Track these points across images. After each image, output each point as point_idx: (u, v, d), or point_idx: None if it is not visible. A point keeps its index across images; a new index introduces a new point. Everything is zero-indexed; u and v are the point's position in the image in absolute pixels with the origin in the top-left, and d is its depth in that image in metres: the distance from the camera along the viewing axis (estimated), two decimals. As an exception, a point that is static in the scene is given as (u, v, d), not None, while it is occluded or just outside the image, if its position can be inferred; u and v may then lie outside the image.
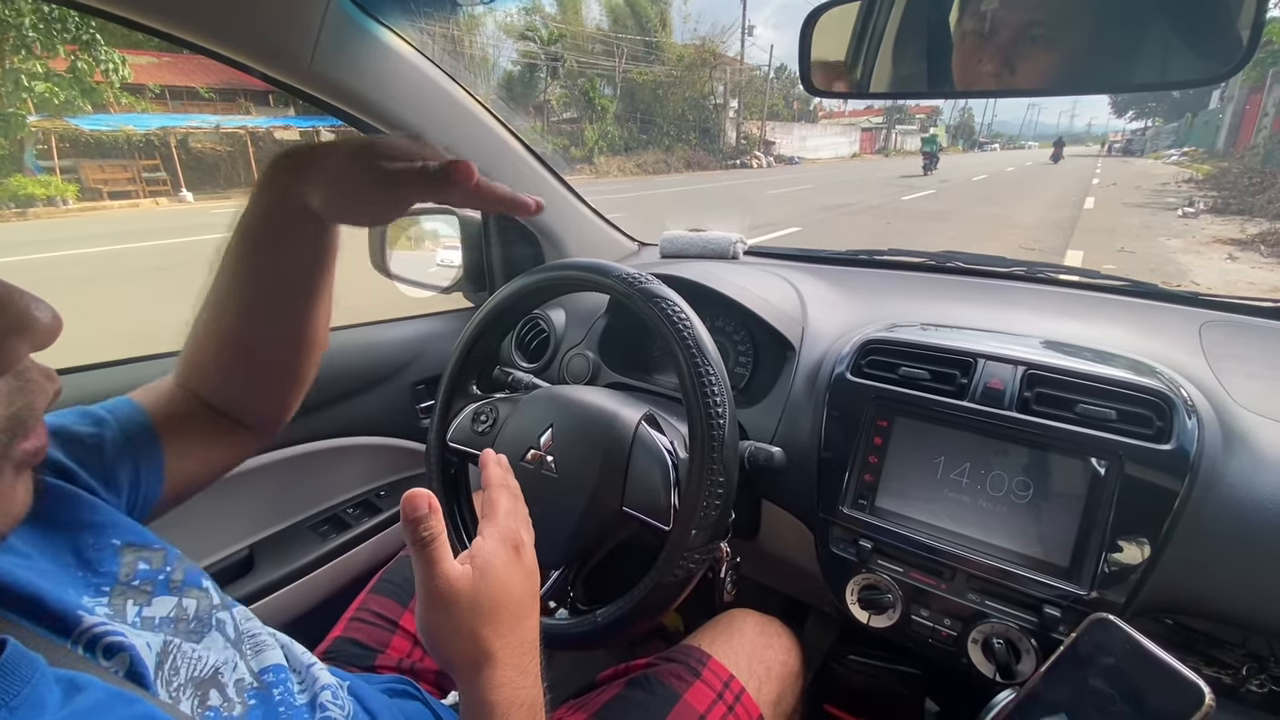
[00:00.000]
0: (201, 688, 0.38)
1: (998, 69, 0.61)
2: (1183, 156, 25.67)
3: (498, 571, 0.45)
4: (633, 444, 0.67)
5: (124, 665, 0.34)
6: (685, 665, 0.69)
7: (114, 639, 0.35)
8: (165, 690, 0.36)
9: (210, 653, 0.40)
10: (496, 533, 0.47)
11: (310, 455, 1.01)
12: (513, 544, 0.48)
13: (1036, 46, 0.60)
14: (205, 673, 0.39)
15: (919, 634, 0.69)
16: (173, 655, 0.38)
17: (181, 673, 0.38)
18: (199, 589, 0.43)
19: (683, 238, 1.21)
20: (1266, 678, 0.59)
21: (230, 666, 0.41)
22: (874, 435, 0.74)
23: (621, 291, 0.67)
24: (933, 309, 0.90)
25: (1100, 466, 0.62)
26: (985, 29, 0.63)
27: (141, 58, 6.49)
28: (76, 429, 0.46)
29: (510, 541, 0.48)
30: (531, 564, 0.49)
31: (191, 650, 0.39)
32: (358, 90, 0.85)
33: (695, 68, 29.45)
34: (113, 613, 0.37)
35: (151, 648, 0.37)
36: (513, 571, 0.46)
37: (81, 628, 0.34)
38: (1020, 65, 0.61)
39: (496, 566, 0.45)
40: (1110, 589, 0.59)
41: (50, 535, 0.38)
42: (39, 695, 0.27)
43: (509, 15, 25.79)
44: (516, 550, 0.48)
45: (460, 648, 0.43)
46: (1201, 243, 7.95)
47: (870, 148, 50.38)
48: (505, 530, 0.48)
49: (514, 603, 0.46)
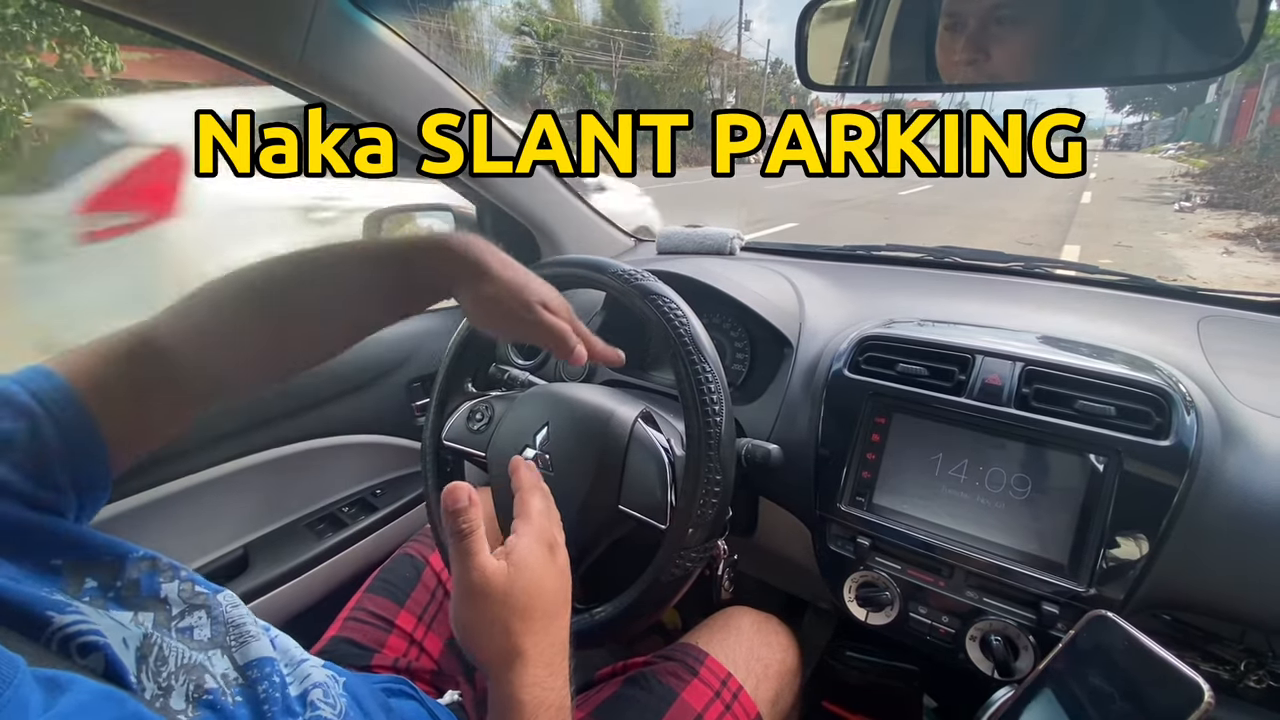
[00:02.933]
0: (194, 672, 0.37)
1: (972, 55, 0.62)
2: (1179, 151, 25.69)
3: (533, 568, 0.45)
4: (629, 442, 0.67)
5: (100, 664, 0.33)
6: (683, 663, 0.69)
7: (88, 638, 0.33)
8: (154, 682, 0.35)
9: (193, 644, 0.39)
10: (532, 531, 0.48)
11: (305, 454, 1.00)
12: (548, 543, 0.48)
13: (1005, 28, 0.61)
14: (194, 660, 0.38)
15: (917, 631, 0.69)
16: (157, 646, 0.37)
17: (170, 661, 0.37)
18: (177, 580, 0.42)
19: (679, 234, 1.20)
20: (1265, 673, 0.59)
21: (219, 655, 0.40)
22: (871, 432, 0.73)
23: (617, 288, 0.67)
24: (930, 305, 0.90)
25: (1098, 463, 0.61)
26: (955, 24, 0.63)
27: (134, 54, 6.42)
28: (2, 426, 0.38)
29: (545, 540, 0.48)
30: (564, 565, 0.49)
31: (174, 641, 0.38)
32: (350, 85, 0.84)
33: (691, 62, 29.35)
34: (89, 608, 0.36)
35: (129, 644, 0.35)
36: (547, 569, 0.47)
37: (53, 627, 0.33)
38: (995, 50, 0.61)
39: (532, 563, 0.45)
40: (1109, 585, 0.59)
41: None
42: (22, 697, 0.27)
43: (504, 10, 25.68)
44: (551, 549, 0.48)
45: (493, 643, 0.43)
46: (1198, 237, 7.97)
47: (867, 143, 50.20)
48: (540, 529, 0.48)
49: (547, 601, 0.46)
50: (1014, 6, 0.61)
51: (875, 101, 33.82)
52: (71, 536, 0.39)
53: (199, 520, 0.90)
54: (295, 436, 0.99)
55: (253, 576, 0.91)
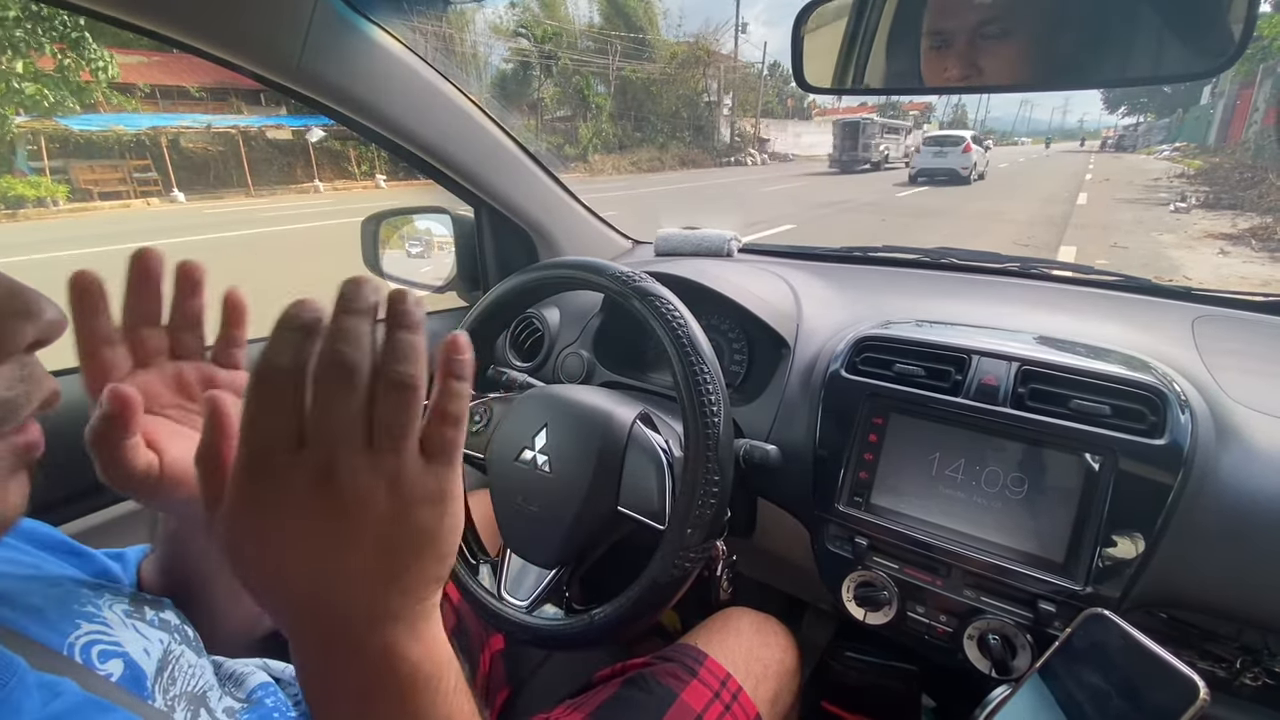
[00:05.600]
0: (194, 703, 0.38)
1: (965, 71, 0.62)
2: (1175, 152, 25.76)
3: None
4: (627, 443, 0.67)
5: (118, 671, 0.34)
6: (682, 664, 0.69)
7: (107, 645, 0.35)
8: (162, 698, 0.36)
9: (206, 672, 0.40)
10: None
11: None
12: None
13: (992, 43, 0.61)
14: (199, 689, 0.39)
15: (915, 630, 0.69)
16: (171, 665, 0.38)
17: (179, 683, 0.38)
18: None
19: (677, 235, 1.20)
20: (1261, 671, 0.59)
21: (217, 695, 0.41)
22: (869, 432, 0.74)
23: (615, 290, 0.67)
24: (927, 305, 0.90)
25: (1094, 462, 0.62)
26: (940, 44, 0.63)
27: (131, 57, 6.41)
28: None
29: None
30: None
31: (190, 664, 0.39)
32: (348, 88, 0.84)
33: (689, 65, 29.42)
34: (121, 615, 0.37)
35: (150, 654, 0.36)
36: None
37: (78, 633, 0.34)
38: (985, 63, 0.61)
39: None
40: (1105, 584, 0.59)
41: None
42: (16, 699, 0.27)
43: (499, 15, 25.72)
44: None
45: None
46: (1194, 238, 8.00)
47: (864, 144, 50.29)
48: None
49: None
50: (998, 23, 0.61)
51: (872, 104, 33.91)
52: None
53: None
54: None
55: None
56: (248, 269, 6.30)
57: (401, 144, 0.94)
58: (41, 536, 0.42)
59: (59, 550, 0.42)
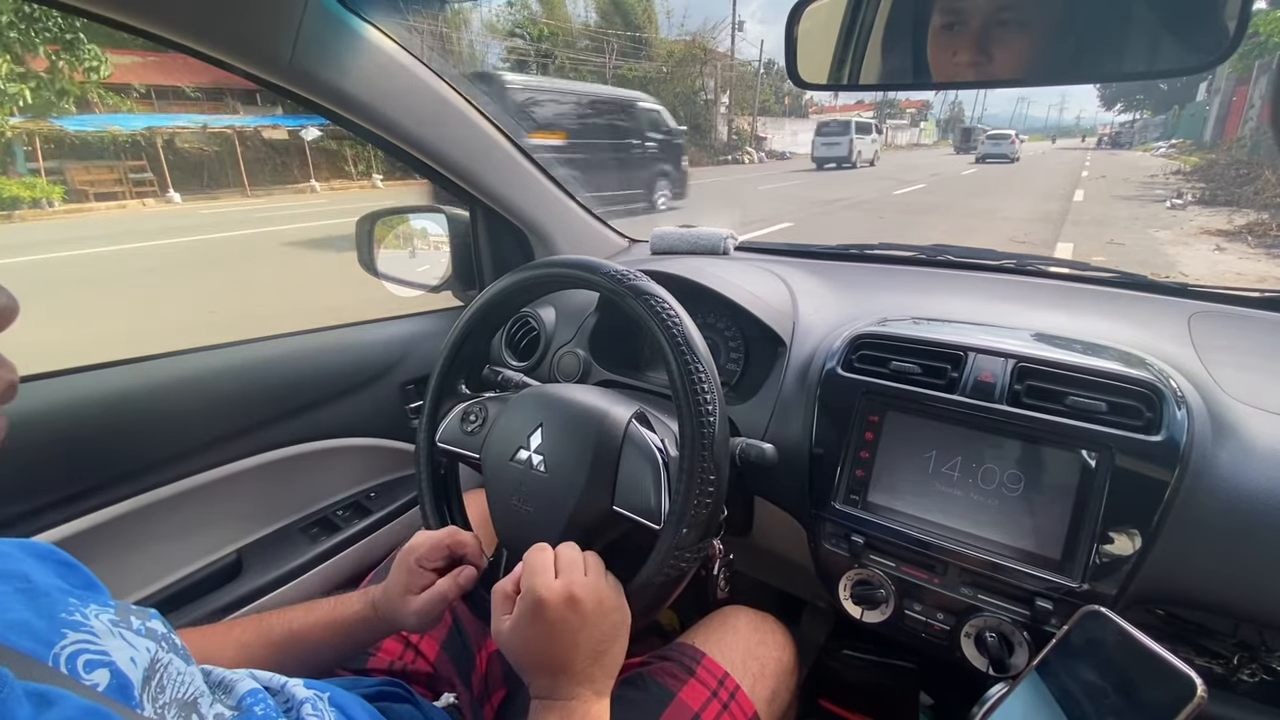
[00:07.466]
0: (185, 709, 0.38)
1: (974, 58, 0.61)
2: (1171, 149, 25.81)
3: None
4: (623, 442, 0.67)
5: (104, 680, 0.34)
6: (679, 663, 0.69)
7: (93, 655, 0.34)
8: (151, 706, 0.36)
9: (196, 679, 0.40)
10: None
11: (299, 457, 1.00)
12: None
13: (1008, 31, 0.60)
14: (189, 696, 0.39)
15: (912, 628, 0.69)
16: (160, 673, 0.38)
17: (168, 691, 0.37)
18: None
19: (673, 234, 1.20)
20: (1258, 667, 0.59)
21: (208, 702, 0.41)
22: (865, 430, 0.73)
23: (610, 289, 0.66)
24: (923, 303, 0.90)
25: (1091, 459, 0.62)
26: (955, 23, 0.63)
27: (125, 57, 6.37)
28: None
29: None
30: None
31: (179, 671, 0.39)
32: (340, 87, 0.84)
33: (685, 63, 29.36)
34: (108, 625, 0.37)
35: (137, 663, 0.36)
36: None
37: (64, 642, 0.34)
38: (996, 51, 0.61)
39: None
40: (1102, 581, 0.59)
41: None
42: (8, 710, 0.27)
43: (495, 14, 25.64)
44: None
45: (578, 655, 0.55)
46: (1190, 234, 8.02)
47: (862, 142, 50.34)
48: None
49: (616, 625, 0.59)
50: (1018, 9, 0.61)
51: (869, 101, 33.90)
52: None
53: (192, 525, 0.89)
54: (288, 440, 0.98)
55: (246, 581, 0.90)
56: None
57: (395, 142, 0.94)
58: (31, 547, 0.42)
59: (49, 560, 0.42)
